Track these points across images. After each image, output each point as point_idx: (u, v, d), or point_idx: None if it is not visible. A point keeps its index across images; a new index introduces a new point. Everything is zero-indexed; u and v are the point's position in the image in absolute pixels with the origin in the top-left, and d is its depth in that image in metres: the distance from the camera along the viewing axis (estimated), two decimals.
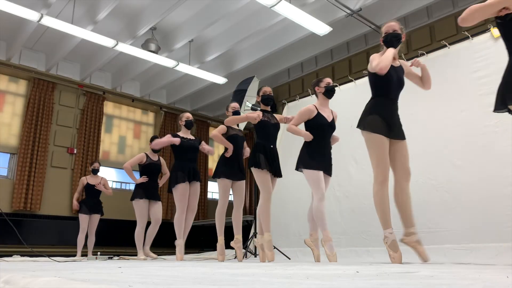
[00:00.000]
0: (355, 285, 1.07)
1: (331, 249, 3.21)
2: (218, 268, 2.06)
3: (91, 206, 5.88)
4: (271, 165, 3.56)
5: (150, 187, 4.99)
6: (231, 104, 4.25)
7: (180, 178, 4.27)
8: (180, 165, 4.36)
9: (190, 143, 4.44)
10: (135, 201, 4.91)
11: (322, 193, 3.26)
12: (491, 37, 4.22)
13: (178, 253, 4.27)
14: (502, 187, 3.59)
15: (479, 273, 1.42)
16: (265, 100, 3.69)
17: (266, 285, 1.09)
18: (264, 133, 3.64)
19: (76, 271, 1.88)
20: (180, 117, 4.55)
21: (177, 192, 4.26)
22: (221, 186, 3.96)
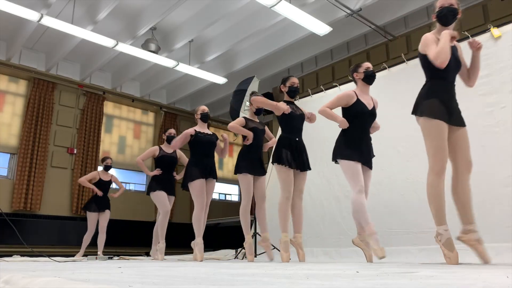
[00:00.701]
0: (355, 285, 1.07)
1: (377, 243, 2.96)
2: (218, 268, 2.07)
3: (100, 203, 5.73)
4: (296, 160, 3.38)
5: (165, 180, 4.80)
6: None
7: (197, 175, 4.04)
8: (197, 161, 4.13)
9: (207, 138, 4.20)
10: (153, 194, 4.70)
11: (361, 185, 3.04)
12: (491, 37, 4.22)
13: (198, 252, 4.01)
14: (502, 187, 3.59)
15: (479, 273, 1.42)
16: (292, 93, 3.54)
17: (266, 285, 1.09)
18: (289, 126, 3.46)
19: (76, 271, 1.88)
20: (196, 111, 4.34)
21: (194, 188, 4.04)
22: (244, 182, 3.74)
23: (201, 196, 4.04)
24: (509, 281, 1.11)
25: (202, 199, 4.04)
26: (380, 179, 4.72)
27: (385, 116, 4.64)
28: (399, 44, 6.25)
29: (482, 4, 5.37)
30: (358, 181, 3.04)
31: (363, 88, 3.25)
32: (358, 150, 3.11)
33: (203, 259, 3.97)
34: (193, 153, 4.18)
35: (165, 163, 4.83)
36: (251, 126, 3.82)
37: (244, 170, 3.72)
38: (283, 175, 3.33)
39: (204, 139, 4.17)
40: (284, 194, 3.32)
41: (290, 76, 3.62)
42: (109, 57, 6.82)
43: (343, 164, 3.11)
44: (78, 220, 7.08)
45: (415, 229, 4.08)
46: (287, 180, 3.32)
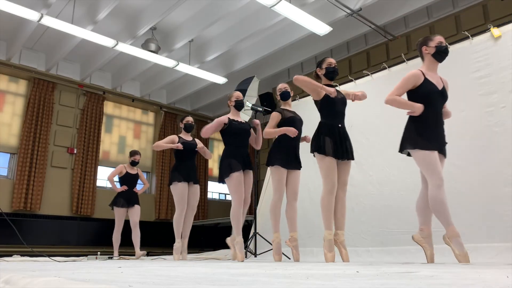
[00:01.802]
0: (355, 285, 1.07)
1: (461, 248, 2.60)
2: (218, 268, 2.06)
3: (128, 198, 5.49)
4: (340, 149, 3.06)
5: (187, 168, 4.54)
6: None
7: (234, 167, 3.68)
8: (232, 151, 3.77)
9: (241, 126, 3.87)
10: (173, 185, 4.44)
11: (441, 177, 2.65)
12: (491, 37, 4.22)
13: (238, 252, 3.62)
14: (502, 187, 3.59)
15: (479, 273, 1.42)
16: (330, 74, 3.24)
17: (266, 285, 1.09)
18: (331, 111, 3.14)
19: (76, 271, 1.88)
20: (229, 97, 3.97)
21: (232, 181, 3.67)
22: (276, 176, 3.46)
23: (239, 190, 3.65)
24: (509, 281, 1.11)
25: (240, 193, 3.65)
26: (380, 179, 4.73)
27: (385, 116, 4.65)
28: (399, 44, 6.25)
29: (482, 4, 5.37)
30: (437, 173, 2.64)
31: (430, 66, 2.85)
32: (433, 137, 2.75)
33: (244, 259, 3.61)
34: (228, 143, 3.83)
35: (185, 150, 4.52)
36: (287, 116, 3.54)
37: (277, 162, 3.43)
38: (325, 165, 3.01)
39: (238, 128, 3.83)
40: (327, 186, 3.02)
41: (325, 58, 3.31)
42: (109, 57, 6.82)
43: (417, 155, 2.72)
44: (78, 220, 7.08)
45: (415, 229, 4.06)
46: (331, 171, 3.00)
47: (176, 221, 4.46)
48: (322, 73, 3.30)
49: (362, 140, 5.01)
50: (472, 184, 3.85)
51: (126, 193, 5.49)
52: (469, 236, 3.64)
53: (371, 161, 4.89)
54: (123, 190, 5.48)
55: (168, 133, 8.62)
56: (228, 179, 3.69)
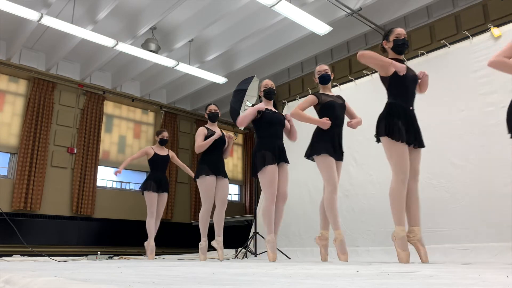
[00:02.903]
0: (355, 285, 1.07)
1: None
2: (218, 268, 2.07)
3: (159, 183, 5.06)
4: (411, 134, 2.75)
5: (216, 161, 4.25)
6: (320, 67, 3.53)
7: (268, 159, 3.43)
8: (266, 143, 3.52)
9: (275, 116, 3.65)
10: (201, 179, 4.12)
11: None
12: (491, 37, 4.22)
13: (270, 252, 3.38)
14: (502, 186, 3.59)
15: (479, 273, 1.42)
16: (399, 47, 2.86)
17: (266, 285, 1.09)
18: (401, 90, 2.79)
19: (76, 271, 1.88)
20: (259, 87, 3.84)
21: (266, 175, 3.41)
22: (325, 165, 3.15)
23: (273, 185, 3.40)
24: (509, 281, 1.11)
25: (273, 189, 3.40)
26: (380, 179, 4.73)
27: None
28: None
29: (482, 4, 5.36)
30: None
31: None
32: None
33: (276, 259, 3.42)
34: (261, 134, 3.59)
35: (215, 141, 4.22)
36: (326, 100, 3.26)
37: (324, 151, 3.13)
38: (397, 152, 2.67)
39: (272, 118, 3.59)
40: (399, 176, 2.66)
41: (393, 28, 2.90)
42: (109, 57, 6.82)
43: None
44: (78, 220, 7.08)
45: None
46: (404, 159, 2.66)
47: (202, 218, 4.14)
48: (389, 46, 2.91)
49: (362, 140, 5.01)
50: (472, 184, 3.85)
51: (157, 177, 5.07)
52: (469, 236, 3.65)
53: (371, 161, 4.89)
54: (156, 173, 5.04)
55: (168, 133, 8.58)
56: (262, 173, 3.44)
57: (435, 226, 3.94)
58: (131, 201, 7.87)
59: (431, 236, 3.84)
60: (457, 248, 3.66)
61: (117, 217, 7.51)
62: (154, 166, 5.16)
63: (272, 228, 3.37)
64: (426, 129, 4.40)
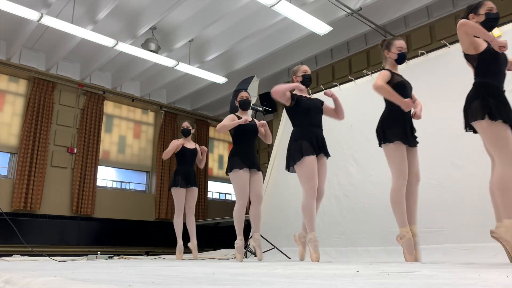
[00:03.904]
0: (355, 285, 1.07)
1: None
2: (218, 268, 2.07)
3: (187, 177, 4.78)
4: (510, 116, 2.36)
5: (249, 153, 3.83)
6: None
7: (306, 150, 3.12)
8: (303, 132, 3.22)
9: (312, 102, 3.37)
10: (233, 173, 3.74)
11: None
12: None
13: (313, 251, 3.18)
14: None
15: (479, 273, 1.42)
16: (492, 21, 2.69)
17: (266, 285, 1.09)
18: (494, 68, 2.45)
19: (76, 271, 1.88)
20: (294, 72, 3.47)
21: (304, 168, 3.09)
22: (395, 153, 2.80)
23: (313, 178, 3.09)
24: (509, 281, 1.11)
25: (314, 182, 3.10)
26: (380, 179, 4.72)
27: None
28: None
29: None
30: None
31: None
32: None
33: (319, 259, 3.17)
34: (297, 123, 3.29)
35: (247, 132, 3.83)
36: (397, 80, 2.90)
37: (395, 138, 2.77)
38: (499, 133, 2.24)
39: (309, 104, 3.30)
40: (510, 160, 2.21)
41: (483, 1, 2.67)
42: (109, 56, 6.82)
43: None
44: (78, 220, 7.09)
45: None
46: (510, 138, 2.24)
47: (237, 214, 3.75)
48: (479, 20, 2.60)
49: (362, 139, 5.01)
50: (472, 184, 3.85)
51: (185, 171, 4.80)
52: (469, 236, 3.65)
53: (371, 161, 4.89)
54: (183, 168, 4.76)
55: (168, 132, 8.62)
56: (299, 165, 3.11)
57: (435, 226, 3.94)
58: (131, 201, 7.87)
59: (431, 236, 3.84)
60: (457, 248, 3.65)
61: (117, 217, 7.51)
62: (181, 160, 4.89)
63: (314, 226, 3.09)
64: (426, 129, 4.41)
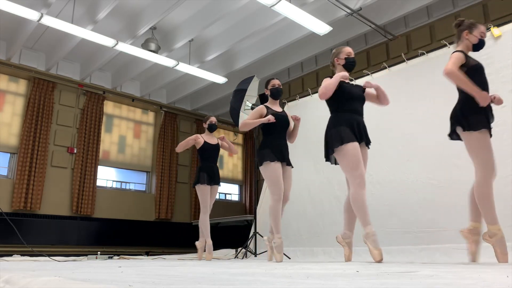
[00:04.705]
0: (355, 285, 1.07)
1: None
2: (218, 268, 2.07)
3: (212, 174, 4.56)
4: None
5: (280, 145, 3.59)
6: None
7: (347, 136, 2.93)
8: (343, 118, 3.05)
9: (354, 89, 3.25)
10: (265, 166, 3.49)
11: None
12: (491, 37, 4.22)
13: (348, 252, 3.07)
14: (502, 186, 3.59)
15: (479, 273, 1.42)
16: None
17: (266, 285, 1.09)
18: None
19: (76, 271, 1.88)
20: (336, 55, 3.35)
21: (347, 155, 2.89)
22: (481, 142, 2.58)
23: (359, 165, 2.89)
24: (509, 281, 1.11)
25: (361, 170, 2.91)
26: (380, 179, 4.73)
27: (385, 116, 4.64)
28: (399, 43, 6.25)
29: (482, 4, 5.37)
30: None
31: None
32: None
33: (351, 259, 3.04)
34: (336, 109, 3.15)
35: (277, 123, 3.59)
36: (473, 63, 2.71)
37: (481, 125, 2.57)
38: None
39: (351, 90, 3.17)
40: None
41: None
42: (109, 56, 6.82)
43: None
44: (78, 220, 7.09)
45: (415, 228, 4.08)
46: None
47: (273, 211, 3.45)
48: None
49: None
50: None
51: (209, 167, 4.59)
52: None
53: (371, 161, 4.88)
54: (208, 165, 4.56)
55: (168, 132, 8.62)
56: (340, 152, 2.84)
57: (436, 226, 3.94)
58: (131, 201, 7.87)
59: (431, 236, 3.84)
60: (457, 248, 3.65)
61: (117, 217, 7.51)
62: (204, 156, 4.66)
63: (369, 219, 2.88)
64: (426, 129, 4.41)
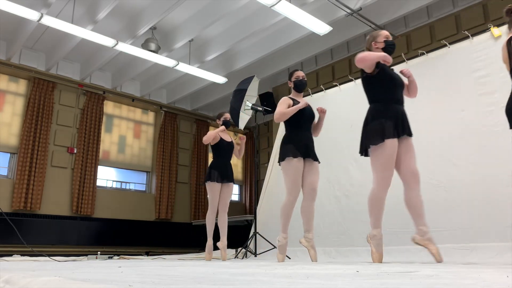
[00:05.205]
0: (355, 285, 1.07)
1: None
2: (218, 268, 2.07)
3: (224, 171, 4.42)
4: None
5: (305, 140, 3.43)
6: None
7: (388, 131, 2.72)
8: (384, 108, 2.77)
9: (395, 75, 3.01)
10: (286, 162, 3.32)
11: None
12: (491, 37, 4.22)
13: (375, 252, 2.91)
14: (502, 186, 3.59)
15: (479, 273, 1.42)
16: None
17: (266, 285, 1.10)
18: None
19: (76, 271, 1.88)
20: (374, 38, 2.97)
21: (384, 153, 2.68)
22: None
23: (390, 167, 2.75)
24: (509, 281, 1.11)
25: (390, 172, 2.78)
26: None
27: None
28: (399, 43, 6.24)
29: (482, 4, 5.36)
30: None
31: None
32: None
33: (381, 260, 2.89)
34: (376, 98, 2.86)
35: (305, 115, 3.46)
36: None
37: None
38: None
39: (392, 76, 2.92)
40: None
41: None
42: (109, 56, 6.82)
43: None
44: (78, 220, 7.09)
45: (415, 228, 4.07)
46: None
47: (284, 210, 3.34)
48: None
49: None
50: (472, 183, 3.85)
51: (222, 165, 4.44)
52: (469, 236, 3.65)
53: None
54: (220, 162, 4.43)
55: (168, 132, 8.62)
56: (377, 149, 2.58)
57: (435, 226, 3.94)
58: (131, 201, 7.87)
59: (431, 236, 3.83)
60: (457, 248, 3.65)
61: (117, 217, 7.51)
62: (218, 153, 4.54)
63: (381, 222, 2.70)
64: (426, 129, 4.41)
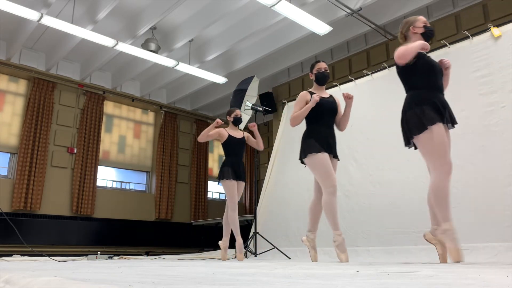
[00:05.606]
0: (355, 285, 1.07)
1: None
2: (218, 268, 2.07)
3: (237, 169, 4.27)
4: None
5: (327, 135, 3.26)
6: None
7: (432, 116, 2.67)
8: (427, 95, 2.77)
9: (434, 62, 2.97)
10: (310, 158, 3.14)
11: None
12: (491, 37, 4.22)
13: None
14: (502, 186, 3.59)
15: (479, 273, 1.42)
16: None
17: (266, 285, 1.09)
18: None
19: (76, 271, 1.88)
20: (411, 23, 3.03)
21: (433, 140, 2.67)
22: None
23: (447, 152, 2.75)
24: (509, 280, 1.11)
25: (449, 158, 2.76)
26: (380, 179, 4.73)
27: (385, 115, 4.65)
28: (399, 43, 6.24)
29: (482, 4, 5.37)
30: None
31: None
32: None
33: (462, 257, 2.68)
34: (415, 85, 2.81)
35: (325, 108, 3.31)
36: None
37: None
38: None
39: (435, 63, 2.88)
40: None
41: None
42: (109, 56, 6.82)
43: None
44: (78, 220, 7.09)
45: (415, 228, 4.08)
46: None
47: (329, 206, 3.13)
48: None
49: (362, 139, 5.01)
50: (471, 184, 3.85)
51: (234, 162, 4.30)
52: (469, 236, 3.65)
53: (371, 161, 4.89)
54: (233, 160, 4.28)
55: (168, 132, 8.62)
56: (425, 137, 2.57)
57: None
58: (131, 201, 7.87)
59: None
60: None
61: (117, 217, 7.51)
62: (229, 151, 4.38)
63: (450, 213, 2.65)
64: None
